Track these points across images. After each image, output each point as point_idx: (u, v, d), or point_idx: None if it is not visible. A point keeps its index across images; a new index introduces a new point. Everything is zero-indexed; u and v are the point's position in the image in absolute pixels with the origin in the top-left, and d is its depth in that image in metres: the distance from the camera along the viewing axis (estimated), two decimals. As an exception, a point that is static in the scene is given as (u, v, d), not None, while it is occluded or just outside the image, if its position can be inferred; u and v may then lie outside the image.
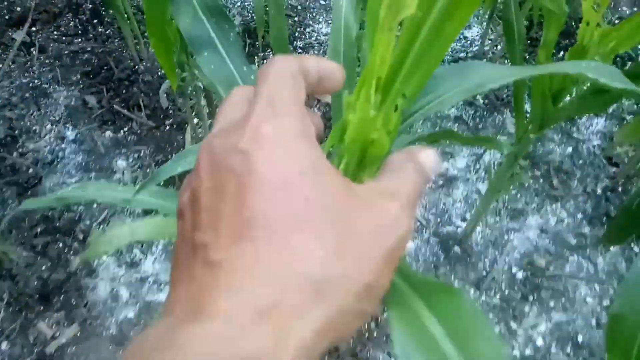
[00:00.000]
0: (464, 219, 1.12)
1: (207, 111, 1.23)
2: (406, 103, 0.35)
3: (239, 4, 1.60)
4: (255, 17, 1.38)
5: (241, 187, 0.19)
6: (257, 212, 0.19)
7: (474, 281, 1.04)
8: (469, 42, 1.50)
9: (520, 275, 1.04)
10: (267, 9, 0.65)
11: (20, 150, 1.27)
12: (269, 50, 1.46)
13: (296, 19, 1.54)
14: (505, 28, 0.69)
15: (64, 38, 1.48)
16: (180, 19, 0.51)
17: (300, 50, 1.47)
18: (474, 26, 1.54)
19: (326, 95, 0.29)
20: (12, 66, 1.42)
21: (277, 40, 0.68)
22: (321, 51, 1.48)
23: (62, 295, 1.06)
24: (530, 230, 1.10)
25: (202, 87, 1.16)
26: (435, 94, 0.41)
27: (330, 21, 1.57)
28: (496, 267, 1.05)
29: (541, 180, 1.18)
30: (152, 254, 1.12)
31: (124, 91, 1.35)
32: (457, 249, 1.07)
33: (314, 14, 1.55)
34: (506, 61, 1.43)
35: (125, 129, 1.32)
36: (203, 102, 1.21)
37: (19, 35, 1.47)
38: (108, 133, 1.31)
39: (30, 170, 1.24)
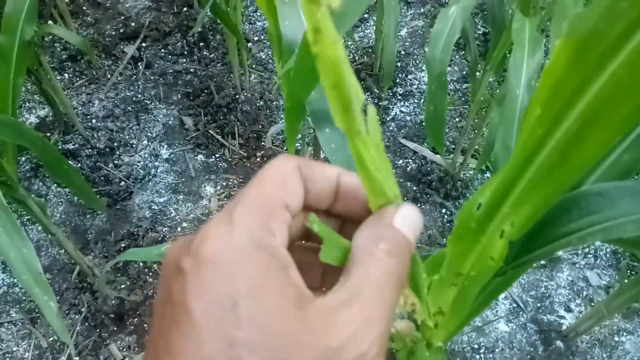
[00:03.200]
0: (567, 309, 1.02)
1: (310, 157, 1.20)
2: (515, 233, 0.28)
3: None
4: (384, 63, 1.33)
5: (172, 323, 0.18)
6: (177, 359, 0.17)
7: (576, 384, 0.93)
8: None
9: (632, 387, 0.92)
10: (429, 86, 0.61)
11: (115, 162, 1.30)
12: (393, 99, 1.43)
13: (398, 64, 1.51)
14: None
15: (170, 57, 1.52)
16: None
17: (399, 97, 1.43)
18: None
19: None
20: (119, 78, 1.47)
21: (432, 117, 0.64)
22: (422, 100, 1.43)
23: (137, 318, 1.05)
24: (647, 336, 0.98)
25: (308, 136, 1.14)
26: (601, 216, 0.33)
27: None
28: (603, 372, 0.94)
29: (661, 279, 1.06)
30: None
31: (221, 117, 1.36)
32: (559, 343, 0.96)
33: (417, 61, 1.51)
34: None
35: (217, 155, 1.32)
36: (307, 149, 1.19)
37: (130, 50, 1.52)
38: (200, 157, 1.32)
39: (122, 184, 1.26)
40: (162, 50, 1.54)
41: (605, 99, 0.17)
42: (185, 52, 1.53)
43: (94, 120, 1.37)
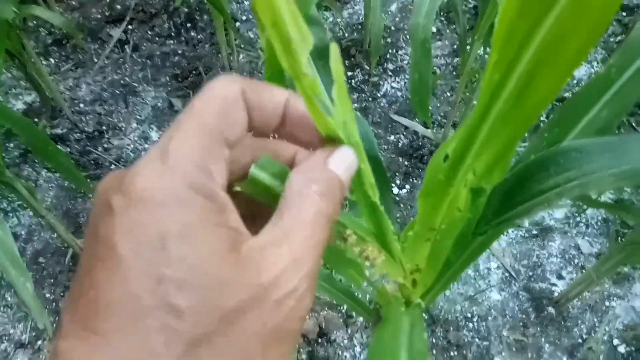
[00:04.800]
0: (559, 276, 1.03)
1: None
2: (476, 181, 0.29)
3: (351, 19, 1.57)
4: (371, 37, 1.33)
5: (97, 260, 0.17)
6: (102, 295, 0.17)
7: (568, 348, 0.94)
8: (575, 81, 1.39)
9: (622, 349, 0.93)
10: (414, 54, 0.60)
11: (105, 145, 1.29)
12: (383, 75, 1.42)
13: (388, 40, 1.49)
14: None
15: (157, 38, 1.50)
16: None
17: (390, 73, 1.42)
18: (583, 64, 1.43)
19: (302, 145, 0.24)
20: (106, 62, 1.45)
21: (417, 86, 0.63)
22: (411, 75, 1.42)
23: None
24: (637, 300, 0.99)
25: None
26: (578, 172, 0.34)
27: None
28: (594, 336, 0.95)
29: (652, 244, 1.07)
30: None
31: (210, 97, 1.35)
32: (551, 309, 0.98)
33: (407, 37, 1.50)
34: None
35: (208, 136, 1.31)
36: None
37: (116, 32, 1.50)
38: (190, 138, 1.31)
39: (112, 167, 1.25)
40: (149, 32, 1.52)
41: (553, 39, 0.18)
42: (173, 34, 1.51)
43: (81, 105, 1.36)
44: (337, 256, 0.48)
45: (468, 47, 1.11)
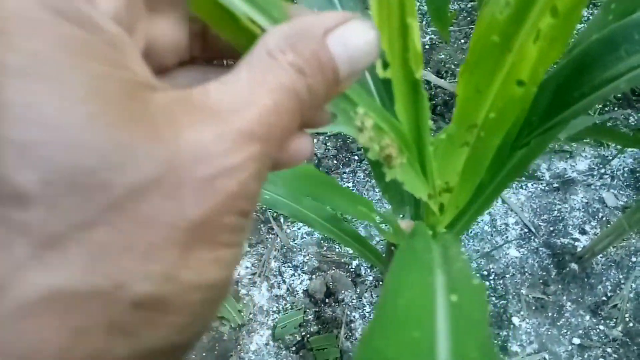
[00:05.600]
0: (582, 231, 0.96)
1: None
2: (560, 25, 0.20)
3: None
4: None
5: None
6: None
7: (591, 306, 0.88)
8: None
9: (650, 307, 0.87)
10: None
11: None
12: None
13: None
14: None
15: None
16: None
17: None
18: None
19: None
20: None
21: None
22: (424, 22, 1.33)
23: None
24: (666, 255, 0.92)
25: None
26: None
27: None
28: (619, 293, 0.89)
29: (683, 197, 0.99)
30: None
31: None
32: (573, 265, 0.91)
33: None
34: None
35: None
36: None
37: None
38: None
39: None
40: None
41: None
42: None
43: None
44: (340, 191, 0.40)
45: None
